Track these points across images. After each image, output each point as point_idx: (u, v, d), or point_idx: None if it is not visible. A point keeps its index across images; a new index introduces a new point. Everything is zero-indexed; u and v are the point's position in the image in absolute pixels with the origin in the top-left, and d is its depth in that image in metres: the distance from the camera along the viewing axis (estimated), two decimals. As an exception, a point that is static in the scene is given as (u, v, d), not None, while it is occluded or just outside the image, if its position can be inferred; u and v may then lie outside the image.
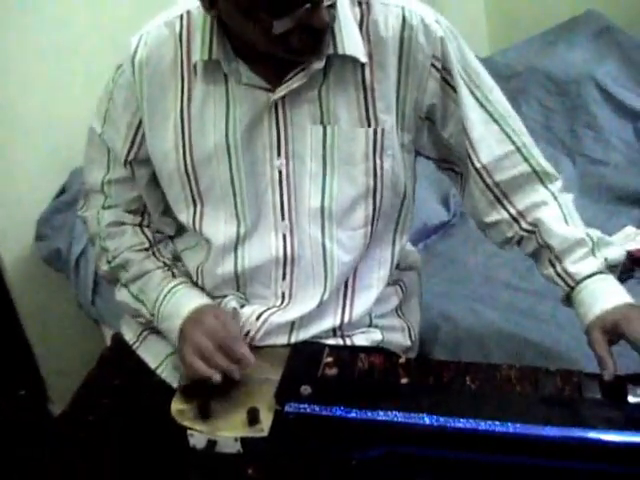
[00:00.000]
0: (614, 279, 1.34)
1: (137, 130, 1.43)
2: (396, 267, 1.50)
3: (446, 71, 1.35)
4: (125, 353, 1.54)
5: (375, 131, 1.34)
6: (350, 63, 1.32)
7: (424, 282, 1.69)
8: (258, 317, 1.41)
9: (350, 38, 1.30)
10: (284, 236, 1.39)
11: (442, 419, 1.16)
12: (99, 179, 1.52)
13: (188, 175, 1.39)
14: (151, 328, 1.50)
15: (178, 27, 1.36)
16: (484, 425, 1.14)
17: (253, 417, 1.23)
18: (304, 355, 1.36)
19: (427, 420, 1.16)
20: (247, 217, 1.39)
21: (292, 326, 1.42)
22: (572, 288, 1.36)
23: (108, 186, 1.51)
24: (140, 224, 1.53)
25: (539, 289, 1.85)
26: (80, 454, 1.39)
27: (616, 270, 1.37)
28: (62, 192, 2.40)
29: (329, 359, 1.33)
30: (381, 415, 1.18)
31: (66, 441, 1.43)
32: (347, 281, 1.45)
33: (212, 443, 1.23)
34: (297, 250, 1.40)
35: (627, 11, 2.81)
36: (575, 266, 1.35)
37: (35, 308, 2.43)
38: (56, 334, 2.49)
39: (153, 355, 1.50)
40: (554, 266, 1.38)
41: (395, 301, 1.54)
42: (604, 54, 2.63)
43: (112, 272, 1.52)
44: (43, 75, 2.26)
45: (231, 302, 1.43)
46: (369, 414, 1.18)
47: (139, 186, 1.49)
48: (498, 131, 1.40)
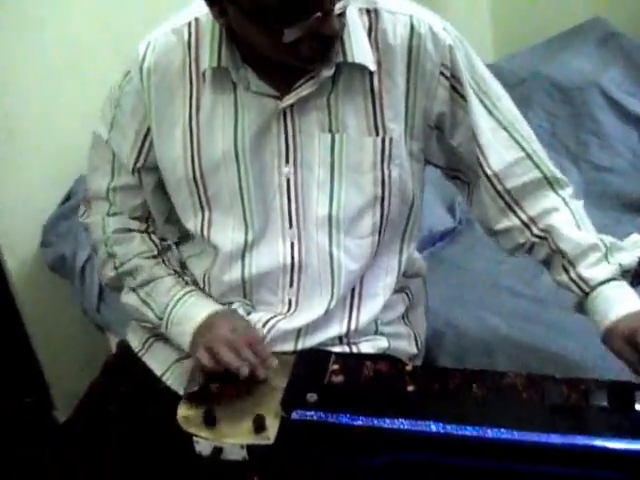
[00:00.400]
0: (628, 285, 1.34)
1: (145, 137, 1.42)
2: (402, 275, 1.50)
3: (455, 79, 1.34)
4: (130, 360, 1.54)
5: (383, 140, 1.34)
6: (359, 71, 1.32)
7: (429, 289, 1.69)
8: (264, 324, 1.41)
9: (359, 46, 1.30)
10: (292, 243, 1.40)
11: (448, 426, 1.15)
12: (103, 186, 1.51)
13: (196, 182, 1.39)
14: (157, 335, 1.50)
15: (186, 34, 1.36)
16: (490, 433, 1.13)
17: (259, 424, 1.23)
18: (310, 362, 1.35)
19: (433, 427, 1.15)
20: (255, 224, 1.39)
21: (298, 333, 1.42)
22: (586, 294, 1.35)
23: (113, 193, 1.51)
24: (146, 230, 1.53)
25: (545, 296, 1.85)
26: (85, 461, 1.40)
27: (628, 275, 1.36)
28: (67, 199, 2.39)
29: (335, 366, 1.33)
30: (387, 422, 1.17)
31: (71, 448, 1.43)
32: (354, 289, 1.45)
33: (218, 450, 1.23)
34: (304, 258, 1.40)
35: (632, 18, 2.81)
36: (589, 271, 1.34)
37: (40, 315, 2.43)
38: (61, 341, 2.49)
39: (159, 362, 1.50)
40: (567, 272, 1.37)
41: (401, 308, 1.53)
42: (609, 61, 2.63)
43: (118, 278, 1.52)
44: (49, 82, 2.26)
45: (238, 309, 1.43)
46: (375, 421, 1.18)
47: (145, 193, 1.49)
48: (507, 138, 1.39)
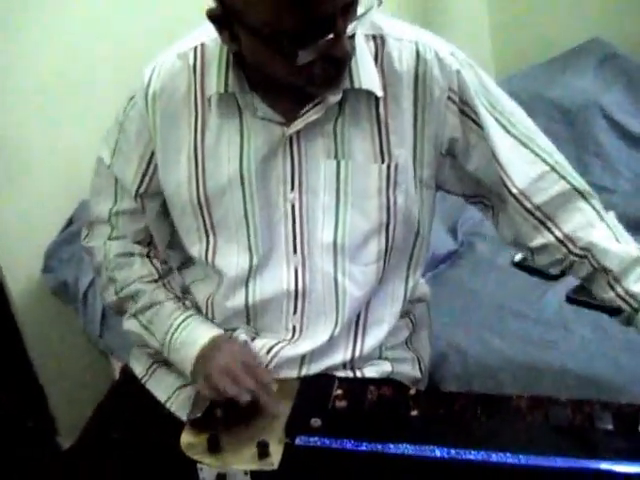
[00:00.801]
0: None
1: (149, 162, 1.42)
2: (407, 300, 1.49)
3: (464, 103, 1.33)
4: (134, 386, 1.53)
5: (389, 166, 1.34)
6: (365, 97, 1.32)
7: (432, 312, 1.68)
8: (268, 351, 1.41)
9: (366, 72, 1.29)
10: (296, 269, 1.39)
11: (453, 451, 1.15)
12: (106, 210, 1.51)
13: (201, 207, 1.39)
14: (160, 361, 1.50)
15: (192, 59, 1.36)
16: (495, 457, 1.13)
17: (263, 450, 1.22)
18: (314, 388, 1.35)
19: (438, 452, 1.15)
20: (260, 249, 1.39)
21: (302, 360, 1.41)
22: (636, 310, 1.32)
23: (115, 217, 1.51)
24: (148, 254, 1.53)
25: (549, 317, 1.85)
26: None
27: None
28: (70, 224, 2.39)
29: (339, 391, 1.33)
30: (391, 448, 1.17)
31: (75, 474, 1.43)
32: (359, 316, 1.44)
33: (222, 476, 1.23)
34: (309, 284, 1.39)
35: (632, 38, 2.82)
36: (637, 285, 1.32)
37: (43, 340, 2.42)
38: (64, 366, 2.48)
39: (162, 388, 1.49)
40: (614, 288, 1.34)
41: (405, 333, 1.53)
42: (610, 81, 2.64)
43: (120, 302, 1.51)
44: (51, 105, 2.27)
45: (241, 335, 1.43)
46: (379, 447, 1.18)
47: (148, 218, 1.49)
48: (528, 153, 1.36)
